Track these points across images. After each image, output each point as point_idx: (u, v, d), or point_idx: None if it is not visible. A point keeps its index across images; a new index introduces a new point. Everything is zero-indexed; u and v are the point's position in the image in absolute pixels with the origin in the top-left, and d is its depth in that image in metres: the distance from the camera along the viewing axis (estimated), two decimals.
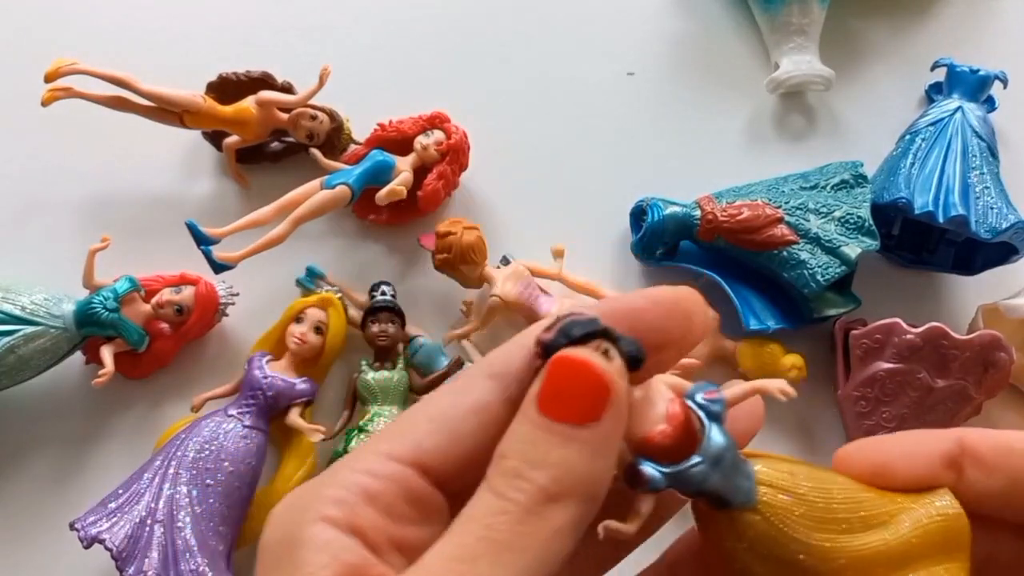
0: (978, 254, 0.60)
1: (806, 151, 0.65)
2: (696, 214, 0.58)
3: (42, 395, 0.58)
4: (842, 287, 0.58)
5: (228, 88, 0.62)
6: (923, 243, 0.61)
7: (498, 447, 0.22)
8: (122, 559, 0.49)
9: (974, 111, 0.61)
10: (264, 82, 0.62)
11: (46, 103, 0.58)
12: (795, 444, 0.59)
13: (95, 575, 0.53)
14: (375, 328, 0.57)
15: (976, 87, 0.62)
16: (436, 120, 0.61)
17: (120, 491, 0.52)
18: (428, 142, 0.60)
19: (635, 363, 0.22)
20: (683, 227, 0.58)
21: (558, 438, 0.21)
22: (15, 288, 0.54)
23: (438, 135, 0.61)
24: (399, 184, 0.58)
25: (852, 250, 0.56)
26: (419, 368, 0.58)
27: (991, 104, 0.64)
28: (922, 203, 0.56)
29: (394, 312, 0.57)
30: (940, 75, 0.65)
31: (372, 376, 0.56)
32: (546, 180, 0.64)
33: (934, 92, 0.66)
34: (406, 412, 0.24)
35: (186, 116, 0.60)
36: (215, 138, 0.63)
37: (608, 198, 0.63)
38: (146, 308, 0.56)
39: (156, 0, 0.68)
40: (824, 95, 0.67)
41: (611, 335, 0.22)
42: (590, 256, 0.62)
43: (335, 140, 0.62)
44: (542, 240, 0.60)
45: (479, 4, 0.69)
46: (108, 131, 0.63)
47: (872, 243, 0.56)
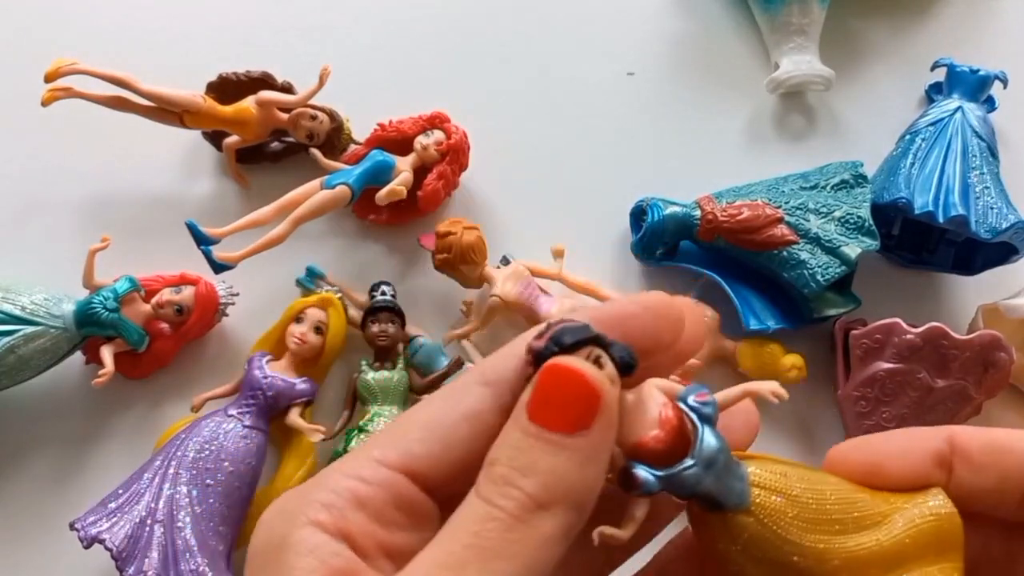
0: (978, 254, 0.60)
1: (806, 151, 0.65)
2: (696, 214, 0.58)
3: (42, 395, 0.58)
4: (842, 287, 0.58)
5: (228, 88, 0.62)
6: (923, 243, 0.61)
7: (489, 453, 0.22)
8: (122, 559, 0.49)
9: (974, 111, 0.61)
10: (264, 82, 0.62)
11: (46, 103, 0.58)
12: (795, 444, 0.59)
13: (95, 575, 0.53)
14: (375, 328, 0.57)
15: (976, 87, 0.62)
16: (436, 120, 0.61)
17: (120, 491, 0.52)
18: (428, 142, 0.60)
19: (627, 369, 0.23)
20: (683, 227, 0.58)
21: (548, 446, 0.21)
22: (15, 288, 0.54)
23: (438, 135, 0.61)
24: (399, 184, 0.58)
25: (852, 250, 0.56)
26: (419, 368, 0.58)
27: (991, 104, 0.64)
28: (922, 203, 0.56)
29: (394, 312, 0.57)
30: (940, 75, 0.65)
31: (372, 376, 0.56)
32: (546, 180, 0.64)
33: (934, 92, 0.66)
34: (398, 418, 0.24)
35: (186, 116, 0.60)
36: (215, 138, 0.63)
37: (608, 198, 0.63)
38: (146, 308, 0.56)
39: (156, 0, 0.68)
40: (824, 95, 0.67)
41: (602, 341, 0.22)
42: (590, 256, 0.62)
43: (335, 140, 0.62)
44: (542, 240, 0.60)
45: (479, 4, 0.69)
46: (108, 131, 0.63)
47: (872, 243, 0.56)
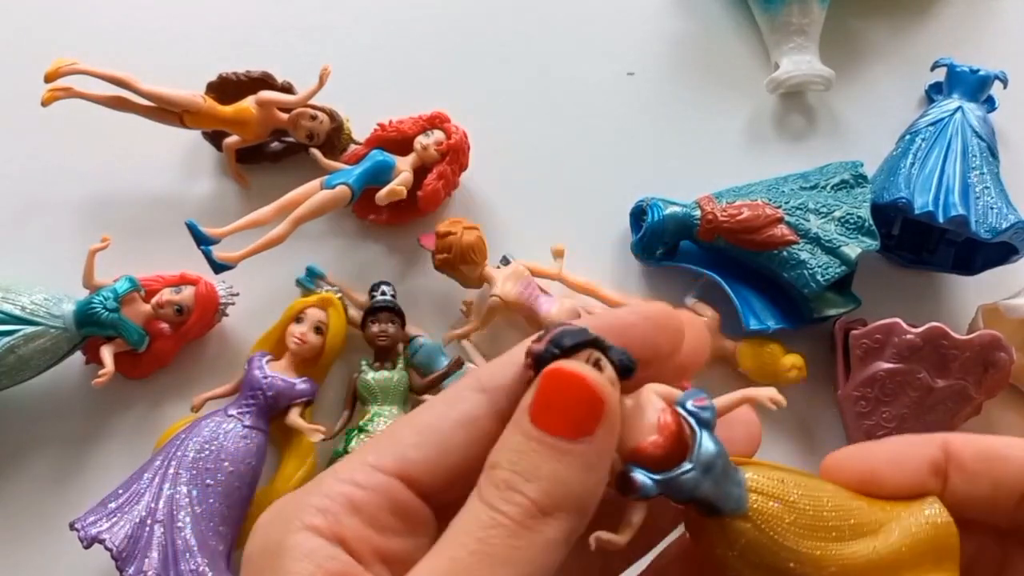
0: (978, 254, 0.60)
1: (806, 151, 0.65)
2: (696, 214, 0.58)
3: (42, 395, 0.58)
4: (842, 287, 0.58)
5: (228, 88, 0.62)
6: (923, 243, 0.61)
7: (490, 456, 0.22)
8: (122, 559, 0.49)
9: (974, 111, 0.61)
10: (264, 82, 0.62)
11: (46, 103, 0.58)
12: (795, 444, 0.59)
13: (95, 575, 0.53)
14: (375, 328, 0.57)
15: (976, 87, 0.62)
16: (436, 120, 0.61)
17: (120, 491, 0.52)
18: (428, 142, 0.60)
19: (626, 372, 0.23)
20: (683, 227, 0.58)
21: (551, 451, 0.21)
22: (15, 288, 0.54)
23: (438, 135, 0.61)
24: (399, 184, 0.58)
25: (852, 250, 0.56)
26: (419, 368, 0.58)
27: (991, 104, 0.64)
28: (922, 203, 0.56)
29: (394, 312, 0.57)
30: (940, 75, 0.65)
31: (372, 376, 0.56)
32: (546, 180, 0.64)
33: (934, 92, 0.66)
34: (394, 423, 0.24)
35: (186, 116, 0.60)
36: (215, 138, 0.62)
37: (608, 198, 0.63)
38: (146, 308, 0.56)
39: (156, 0, 0.68)
40: (824, 95, 0.67)
41: (601, 344, 0.22)
42: (590, 256, 0.62)
43: (335, 140, 0.62)
44: (542, 240, 0.60)
45: (479, 4, 0.69)
46: (108, 131, 0.63)
47: (872, 243, 0.56)
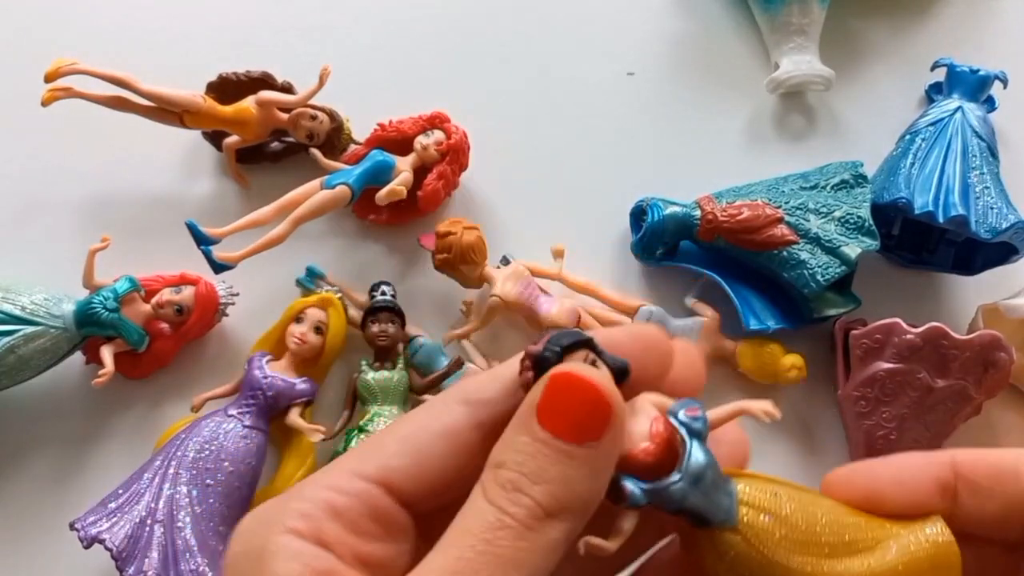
0: (978, 254, 0.60)
1: (806, 151, 0.65)
2: (696, 214, 0.58)
3: (42, 395, 0.58)
4: (842, 287, 0.58)
5: (228, 88, 0.62)
6: (923, 243, 0.61)
7: (493, 454, 0.22)
8: (122, 559, 0.49)
9: (974, 111, 0.61)
10: (264, 82, 0.62)
11: (46, 103, 0.58)
12: (795, 444, 0.59)
13: (95, 575, 0.53)
14: (375, 328, 0.57)
15: (976, 87, 0.62)
16: (436, 120, 0.61)
17: (120, 491, 0.52)
18: (428, 142, 0.60)
19: (622, 375, 0.23)
20: (683, 227, 0.58)
21: (558, 454, 0.21)
22: (15, 288, 0.54)
23: (438, 135, 0.61)
24: (399, 184, 0.58)
25: (852, 250, 0.56)
26: (419, 368, 0.58)
27: (991, 104, 0.64)
28: (922, 203, 0.56)
29: (394, 312, 0.57)
30: (940, 75, 0.65)
31: (372, 376, 0.56)
32: (546, 180, 0.64)
33: (934, 92, 0.66)
34: (378, 432, 0.25)
35: (186, 116, 0.60)
36: (215, 138, 0.62)
37: (608, 198, 0.63)
38: (146, 308, 0.56)
39: (156, 0, 0.68)
40: (824, 95, 0.67)
41: (596, 347, 0.23)
42: (590, 256, 0.62)
43: (335, 140, 0.62)
44: (542, 240, 0.60)
45: (479, 4, 0.69)
46: (108, 131, 0.63)
47: (872, 243, 0.56)
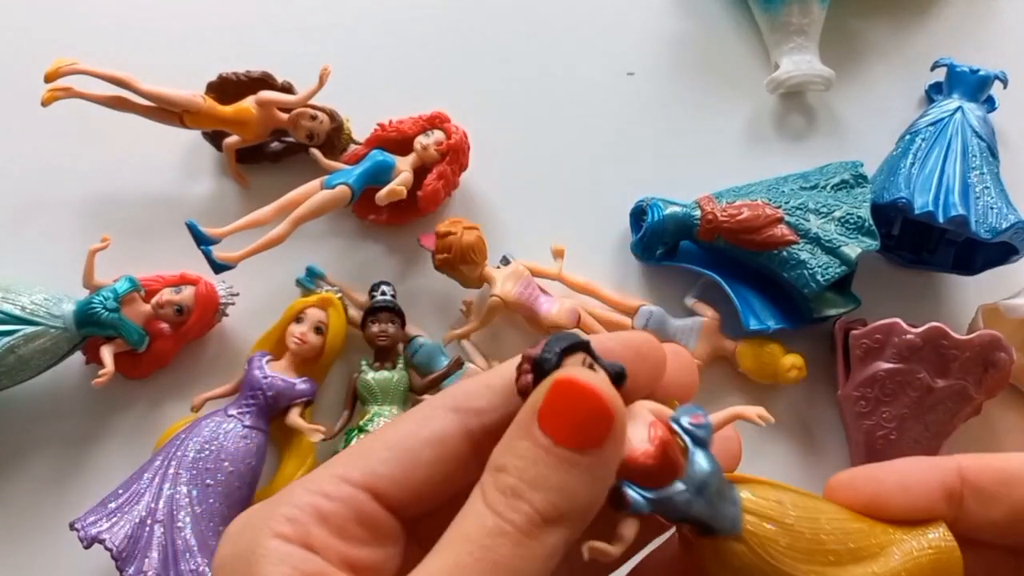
0: (978, 254, 0.60)
1: (806, 151, 0.65)
2: (696, 214, 0.58)
3: (42, 395, 0.58)
4: (842, 287, 0.58)
5: (228, 88, 0.62)
6: (923, 243, 0.61)
7: (493, 458, 0.22)
8: (122, 559, 0.49)
9: (974, 111, 0.61)
10: (264, 82, 0.62)
11: (46, 103, 0.58)
12: (795, 444, 0.59)
13: (95, 575, 0.53)
14: (375, 328, 0.57)
15: (976, 87, 0.62)
16: (436, 120, 0.61)
17: (120, 491, 0.52)
18: (428, 142, 0.60)
19: (619, 379, 0.23)
20: (683, 227, 0.58)
21: (559, 461, 0.21)
22: (15, 288, 0.54)
23: (438, 135, 0.61)
24: (399, 184, 0.58)
25: (852, 250, 0.56)
26: (419, 368, 0.58)
27: (991, 104, 0.64)
28: (922, 203, 0.56)
29: (394, 312, 0.57)
30: (940, 75, 0.65)
31: (372, 376, 0.56)
32: (546, 180, 0.64)
33: (934, 92, 0.66)
34: (366, 438, 0.25)
35: (186, 116, 0.60)
36: (215, 138, 0.62)
37: (608, 198, 0.63)
38: (146, 308, 0.56)
39: (156, 0, 0.68)
40: (824, 95, 0.67)
41: (592, 351, 0.23)
42: (590, 256, 0.62)
43: (335, 140, 0.62)
44: (542, 240, 0.60)
45: (479, 4, 0.69)
46: (108, 131, 0.63)
47: (872, 243, 0.56)
